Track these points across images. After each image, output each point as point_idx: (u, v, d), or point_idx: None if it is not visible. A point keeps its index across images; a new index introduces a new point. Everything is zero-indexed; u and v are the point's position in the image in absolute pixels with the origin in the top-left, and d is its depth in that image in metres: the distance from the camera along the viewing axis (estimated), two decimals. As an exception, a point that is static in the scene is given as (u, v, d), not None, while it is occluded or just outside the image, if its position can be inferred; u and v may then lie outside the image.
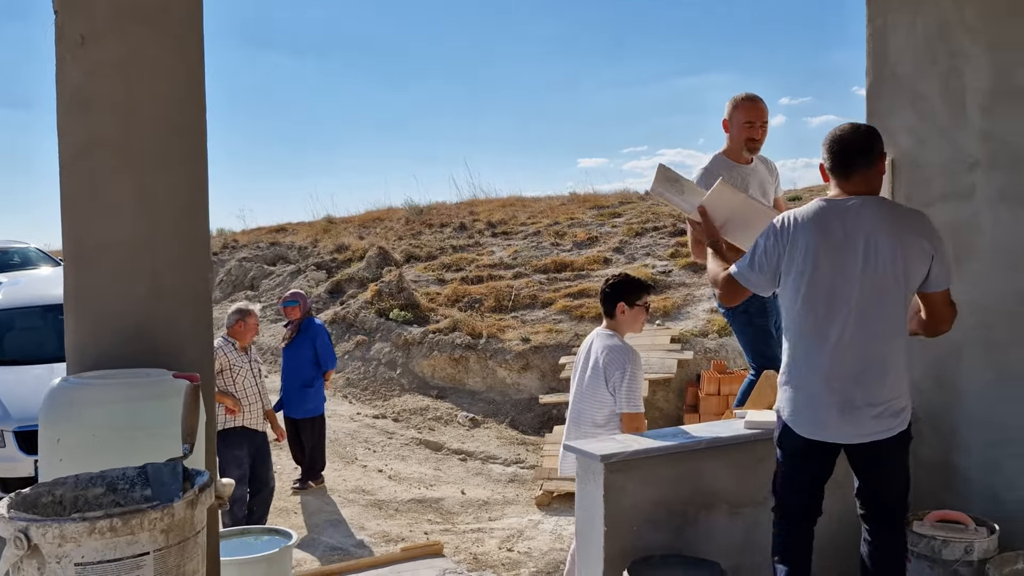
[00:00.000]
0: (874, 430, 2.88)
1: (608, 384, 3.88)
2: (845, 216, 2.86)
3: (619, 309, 4.01)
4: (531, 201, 16.72)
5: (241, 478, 6.04)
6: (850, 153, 2.90)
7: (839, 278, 2.83)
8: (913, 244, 2.85)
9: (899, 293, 2.87)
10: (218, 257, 16.39)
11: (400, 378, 10.87)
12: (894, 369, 2.89)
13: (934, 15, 3.81)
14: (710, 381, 8.63)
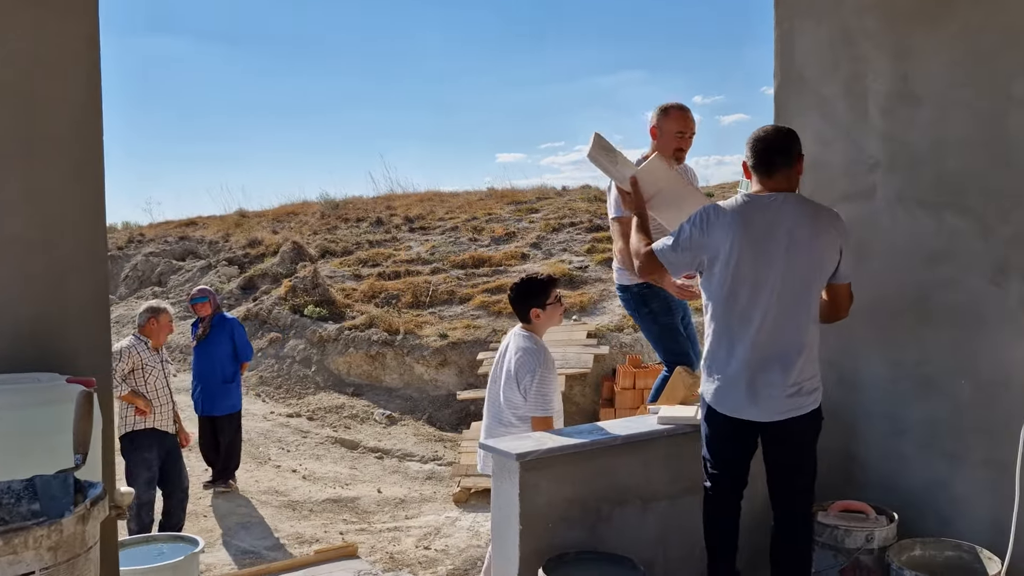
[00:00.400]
0: (789, 408, 3.08)
1: (519, 387, 3.87)
2: (767, 210, 3.07)
3: (533, 314, 4.00)
4: (449, 196, 16.65)
5: (150, 481, 5.85)
6: (771, 152, 3.13)
7: (762, 268, 3.03)
8: (828, 238, 3.09)
9: (815, 283, 3.12)
10: (123, 252, 15.77)
11: (315, 376, 10.67)
12: (809, 352, 3.11)
13: (837, 21, 3.93)
14: (625, 375, 8.76)
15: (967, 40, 3.43)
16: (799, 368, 3.07)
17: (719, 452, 3.27)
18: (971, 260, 3.45)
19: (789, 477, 3.22)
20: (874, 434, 3.85)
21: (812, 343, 3.13)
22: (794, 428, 3.12)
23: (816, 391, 3.15)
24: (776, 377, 3.05)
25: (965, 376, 3.49)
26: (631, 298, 4.31)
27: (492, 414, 4.07)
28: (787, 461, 3.20)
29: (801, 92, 4.11)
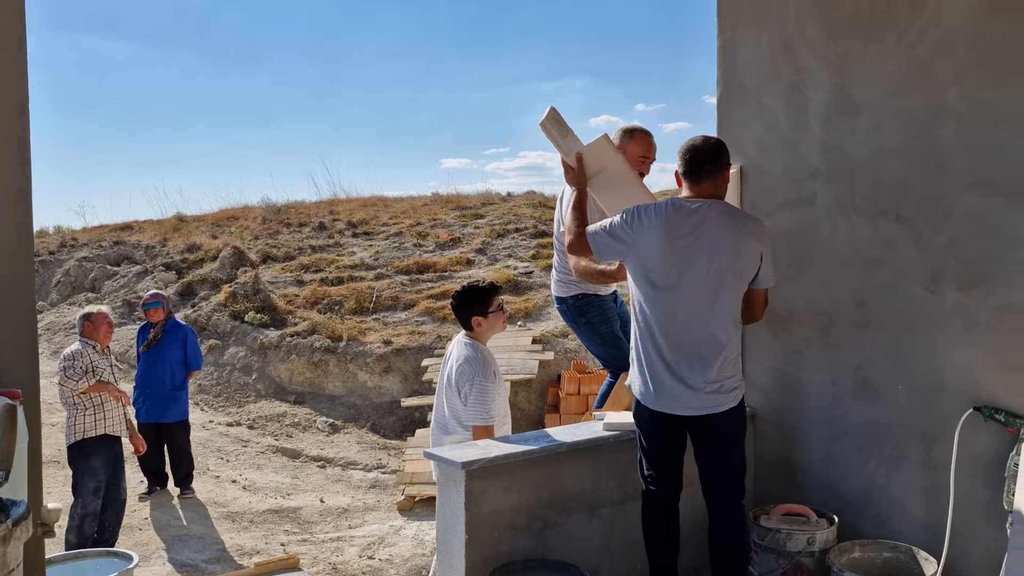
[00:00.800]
0: (709, 403, 3.22)
1: (460, 394, 3.84)
2: (692, 215, 3.20)
3: (475, 322, 3.96)
4: (393, 201, 16.53)
5: (96, 491, 5.70)
6: (701, 160, 3.28)
7: (683, 270, 3.17)
8: (749, 245, 3.24)
9: (735, 286, 3.24)
10: (55, 257, 15.26)
11: (256, 383, 10.46)
12: (728, 352, 3.24)
13: (778, 31, 3.99)
14: (570, 381, 8.78)
15: (903, 51, 3.51)
16: (717, 367, 3.20)
17: (649, 448, 3.39)
18: (907, 267, 3.53)
19: (715, 472, 3.33)
20: (815, 439, 3.91)
21: (731, 344, 3.25)
22: (717, 424, 3.25)
23: (736, 390, 3.28)
24: (695, 374, 3.19)
25: (902, 380, 3.56)
26: (568, 309, 4.32)
27: (438, 422, 4.03)
28: (712, 456, 3.33)
29: (743, 101, 4.16)
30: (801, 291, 3.91)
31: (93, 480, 5.70)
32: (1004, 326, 3.24)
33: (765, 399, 4.11)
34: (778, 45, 3.99)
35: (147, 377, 7.24)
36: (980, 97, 3.28)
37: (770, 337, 4.06)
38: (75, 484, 5.71)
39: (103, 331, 5.93)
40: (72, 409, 5.69)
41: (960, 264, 3.36)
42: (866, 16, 3.63)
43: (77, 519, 5.66)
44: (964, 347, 3.35)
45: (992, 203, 3.27)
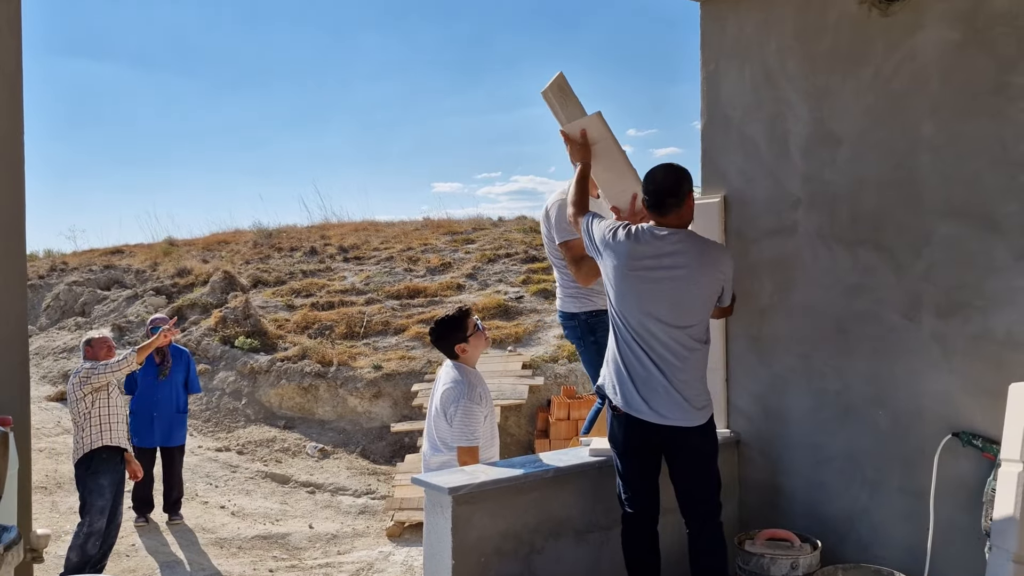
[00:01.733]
0: (677, 416, 3.31)
1: (446, 417, 3.88)
2: (657, 243, 3.33)
3: (459, 350, 4.01)
4: (384, 226, 16.58)
5: (103, 509, 5.69)
6: (662, 194, 3.35)
7: (645, 296, 3.32)
8: (710, 272, 3.35)
9: (697, 311, 3.35)
10: (44, 281, 15.24)
11: (245, 408, 10.44)
12: (693, 368, 3.35)
13: (760, 64, 4.08)
14: (560, 406, 8.80)
15: (880, 84, 3.61)
16: (681, 387, 3.31)
17: (624, 470, 3.47)
18: (886, 295, 3.60)
19: (688, 488, 3.40)
20: (799, 464, 3.96)
21: (697, 360, 3.36)
22: (687, 439, 3.34)
23: (704, 409, 3.37)
24: (659, 393, 3.31)
25: (883, 406, 3.62)
26: (578, 326, 4.26)
27: (428, 445, 4.06)
28: (684, 472, 3.41)
29: (726, 131, 4.25)
30: (784, 318, 3.98)
31: (101, 498, 5.68)
32: (981, 353, 3.31)
33: (750, 424, 4.16)
34: (760, 77, 4.08)
35: (154, 400, 7.22)
36: (954, 129, 3.38)
37: (755, 363, 4.12)
38: (83, 503, 5.69)
39: (103, 355, 5.94)
40: (81, 424, 5.68)
41: (938, 292, 3.43)
42: (844, 51, 3.73)
43: (82, 537, 5.64)
44: (942, 374, 3.42)
45: (968, 232, 3.35)
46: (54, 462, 8.59)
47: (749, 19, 4.14)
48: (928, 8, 3.44)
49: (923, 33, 3.46)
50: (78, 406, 5.67)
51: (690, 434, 3.34)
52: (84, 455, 5.67)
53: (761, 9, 4.08)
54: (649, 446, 3.41)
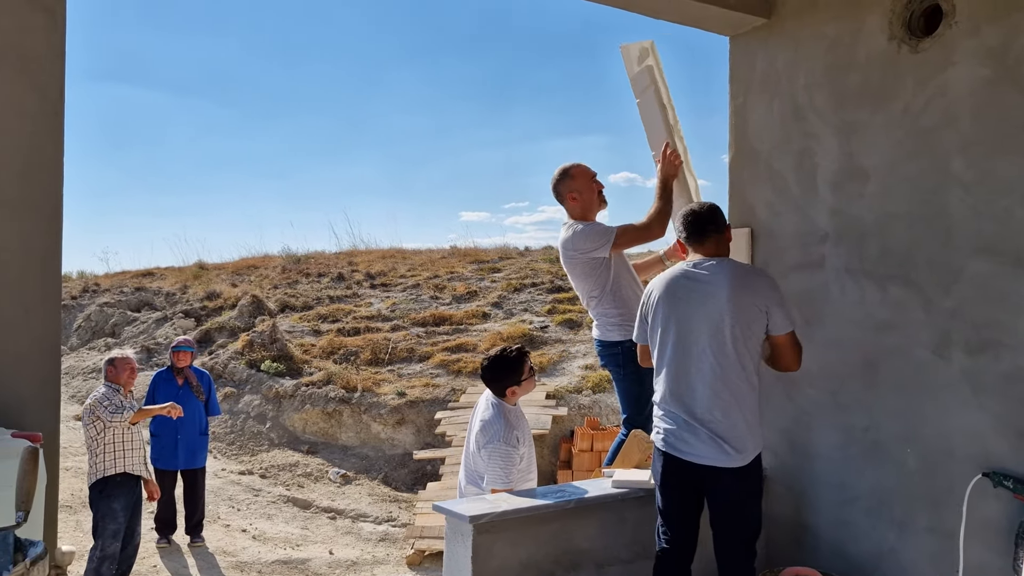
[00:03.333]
0: (719, 456, 3.23)
1: (480, 452, 3.86)
2: (695, 277, 3.33)
3: (510, 392, 3.98)
4: (412, 253, 16.69)
5: (116, 533, 5.71)
6: (702, 222, 3.43)
7: (689, 331, 3.29)
8: (752, 299, 3.28)
9: (743, 341, 3.25)
10: (77, 302, 15.49)
11: (269, 432, 10.50)
12: (739, 408, 3.25)
13: (789, 98, 4.09)
14: (583, 437, 8.75)
15: (909, 120, 3.60)
16: (726, 424, 3.23)
17: (664, 500, 3.40)
18: (915, 331, 3.56)
19: (725, 530, 3.31)
20: (825, 501, 3.90)
21: (743, 399, 3.26)
22: (729, 479, 3.25)
23: (747, 451, 3.26)
24: (707, 426, 3.24)
25: (911, 444, 3.57)
26: (621, 353, 4.20)
27: (466, 475, 4.02)
28: (723, 514, 3.31)
29: (754, 164, 4.26)
30: (811, 353, 3.93)
31: (113, 522, 5.71)
32: (1012, 392, 3.25)
33: (776, 460, 4.12)
34: (789, 112, 4.09)
35: (176, 423, 7.26)
36: (985, 166, 3.35)
37: (781, 397, 4.08)
38: (95, 526, 5.73)
39: (126, 375, 5.98)
40: (94, 449, 5.74)
41: (968, 329, 3.39)
42: (874, 87, 3.73)
43: (96, 561, 5.68)
44: (972, 412, 3.36)
45: (1000, 269, 3.31)
46: (80, 481, 8.66)
47: (778, 54, 4.16)
48: (958, 45, 3.44)
49: (953, 70, 3.45)
50: (89, 431, 5.74)
51: (729, 474, 3.25)
52: (98, 480, 5.72)
53: (790, 45, 4.10)
54: (689, 479, 3.34)
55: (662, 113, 4.31)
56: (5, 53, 2.74)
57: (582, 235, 4.13)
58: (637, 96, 4.43)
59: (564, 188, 4.26)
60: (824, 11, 3.95)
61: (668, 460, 3.35)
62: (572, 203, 4.26)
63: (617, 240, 4.09)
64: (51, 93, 2.85)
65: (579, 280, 4.27)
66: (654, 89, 4.32)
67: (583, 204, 4.25)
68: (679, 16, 4.22)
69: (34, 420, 2.68)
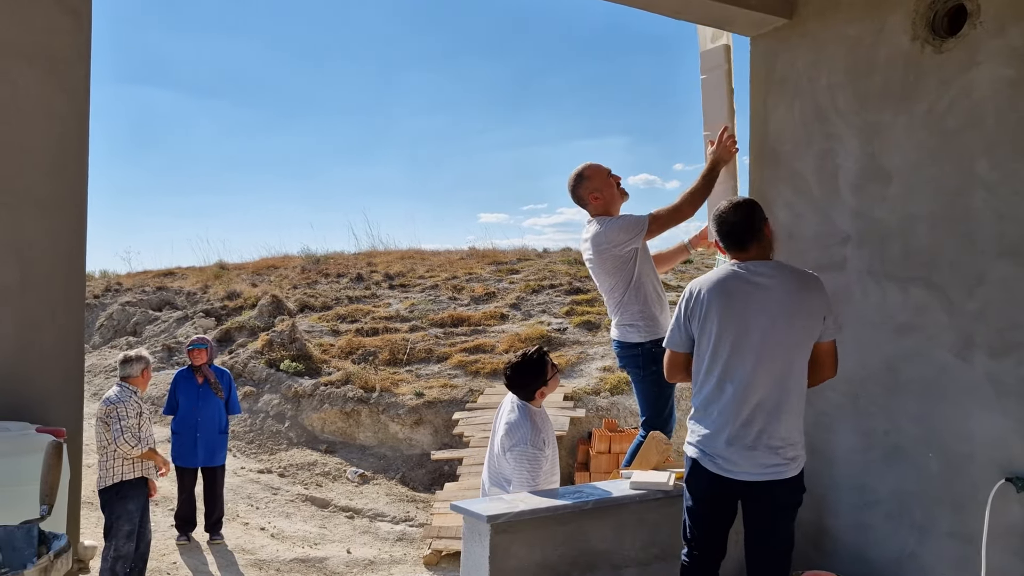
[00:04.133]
0: (768, 469, 3.07)
1: (506, 455, 3.85)
2: (748, 280, 3.15)
3: (539, 395, 3.97)
4: (430, 254, 16.73)
5: (130, 534, 5.75)
6: (738, 233, 3.24)
7: (741, 334, 3.10)
8: (812, 303, 3.13)
9: (798, 346, 3.11)
10: (99, 300, 15.64)
11: (288, 431, 10.55)
12: (790, 414, 3.10)
13: (810, 100, 4.07)
14: (601, 439, 8.73)
15: (933, 121, 3.57)
16: (779, 429, 3.08)
17: (697, 512, 3.26)
18: (937, 333, 3.53)
19: (764, 541, 3.18)
20: (845, 505, 3.87)
21: (795, 406, 3.11)
22: (773, 492, 3.10)
23: (797, 459, 3.12)
24: (756, 437, 3.08)
25: (932, 448, 3.53)
26: (641, 355, 4.16)
27: (490, 477, 4.01)
28: (764, 526, 3.17)
29: (775, 166, 4.23)
30: (831, 355, 3.91)
31: (128, 523, 5.75)
32: (1036, 396, 3.22)
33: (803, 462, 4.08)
34: (810, 113, 4.07)
35: (196, 421, 7.34)
36: (1010, 167, 3.32)
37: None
38: (109, 527, 5.77)
39: (139, 375, 6.02)
40: (110, 453, 5.77)
41: (991, 331, 3.36)
42: (897, 87, 3.70)
43: (110, 561, 5.72)
44: (995, 416, 3.33)
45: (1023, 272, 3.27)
46: (102, 478, 8.75)
47: (799, 55, 4.14)
48: (983, 45, 3.41)
49: (978, 70, 3.42)
50: (104, 436, 5.76)
51: (776, 485, 3.09)
52: (115, 483, 5.75)
53: (812, 46, 4.08)
54: (728, 490, 3.19)
55: (727, 95, 4.31)
56: (34, 55, 2.78)
57: (615, 227, 4.07)
58: (704, 72, 4.44)
59: (583, 190, 4.25)
60: (846, 11, 3.92)
61: (711, 478, 3.16)
62: (595, 202, 4.24)
63: (650, 227, 4.06)
64: (78, 94, 2.89)
65: (608, 276, 4.18)
66: (725, 70, 4.32)
67: (605, 200, 4.23)
68: (700, 16, 4.21)
69: (58, 416, 2.72)
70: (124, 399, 5.82)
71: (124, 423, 5.69)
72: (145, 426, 5.88)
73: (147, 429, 5.90)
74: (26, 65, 2.75)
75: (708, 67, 4.40)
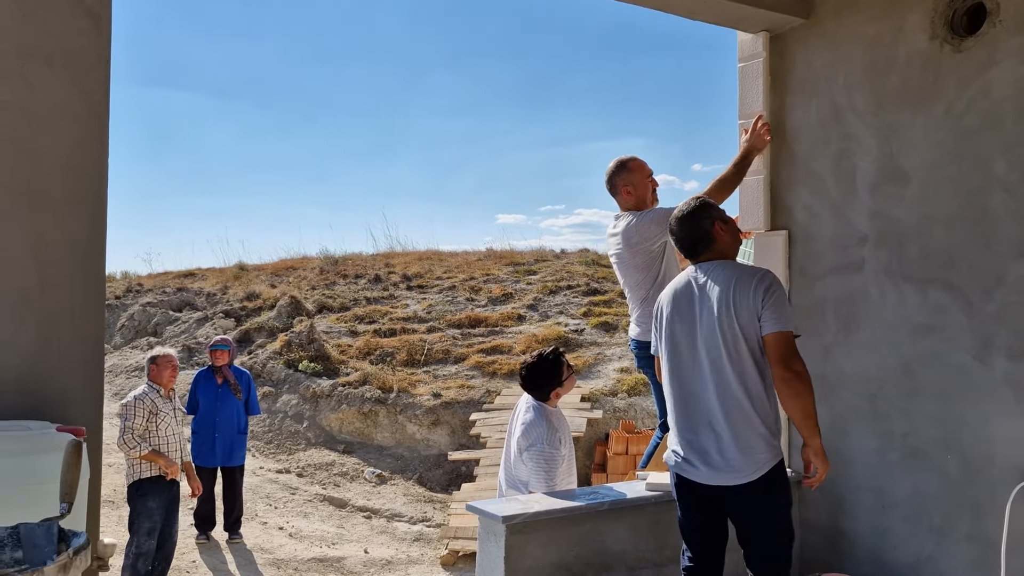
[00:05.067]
0: (731, 474, 3.00)
1: (522, 456, 3.86)
2: (690, 283, 3.17)
3: (554, 395, 3.97)
4: (448, 255, 16.78)
5: (151, 531, 5.80)
6: (687, 245, 3.24)
7: (687, 336, 3.13)
8: (745, 299, 3.00)
9: (740, 343, 3.01)
10: (120, 301, 15.81)
11: (306, 432, 10.61)
12: (747, 417, 2.99)
13: (828, 99, 4.05)
14: (618, 440, 8.72)
15: (951, 121, 3.54)
16: (730, 433, 2.99)
17: (682, 520, 3.22)
18: (956, 335, 3.50)
19: (755, 546, 3.08)
20: (862, 507, 3.85)
21: (742, 407, 3.00)
22: (749, 496, 3.01)
23: (762, 462, 3.00)
24: (708, 442, 3.04)
25: (951, 450, 3.50)
26: None
27: (506, 479, 4.01)
28: (750, 530, 3.09)
29: (792, 166, 4.22)
30: (848, 356, 3.89)
31: (148, 520, 5.80)
32: (1057, 398, 3.18)
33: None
34: (827, 113, 4.05)
35: (216, 420, 7.40)
36: (1030, 168, 3.28)
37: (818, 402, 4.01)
38: (131, 523, 5.83)
39: (167, 374, 6.02)
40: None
41: (1010, 333, 3.33)
42: (915, 87, 3.68)
43: (131, 558, 5.78)
44: (1015, 418, 3.30)
45: (1043, 273, 3.24)
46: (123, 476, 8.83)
47: (816, 55, 4.12)
48: (1002, 44, 3.38)
49: (997, 69, 3.39)
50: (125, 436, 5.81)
51: (743, 489, 3.02)
52: (136, 480, 5.81)
53: (829, 45, 4.06)
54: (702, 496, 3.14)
55: (765, 84, 4.32)
56: (53, 58, 2.82)
57: (647, 220, 3.96)
58: (741, 61, 4.45)
59: (620, 181, 4.13)
60: (864, 10, 3.90)
61: (681, 482, 3.17)
62: (626, 196, 4.13)
63: None
64: (97, 96, 2.92)
65: (635, 271, 4.07)
66: (763, 58, 4.32)
67: (637, 198, 4.10)
68: (715, 16, 4.20)
69: (78, 414, 2.75)
70: (140, 397, 5.87)
71: (127, 423, 5.74)
72: (163, 425, 5.88)
73: (167, 428, 5.91)
74: (45, 68, 2.79)
75: (746, 55, 4.42)
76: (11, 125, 2.75)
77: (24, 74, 2.77)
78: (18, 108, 2.76)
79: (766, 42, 4.31)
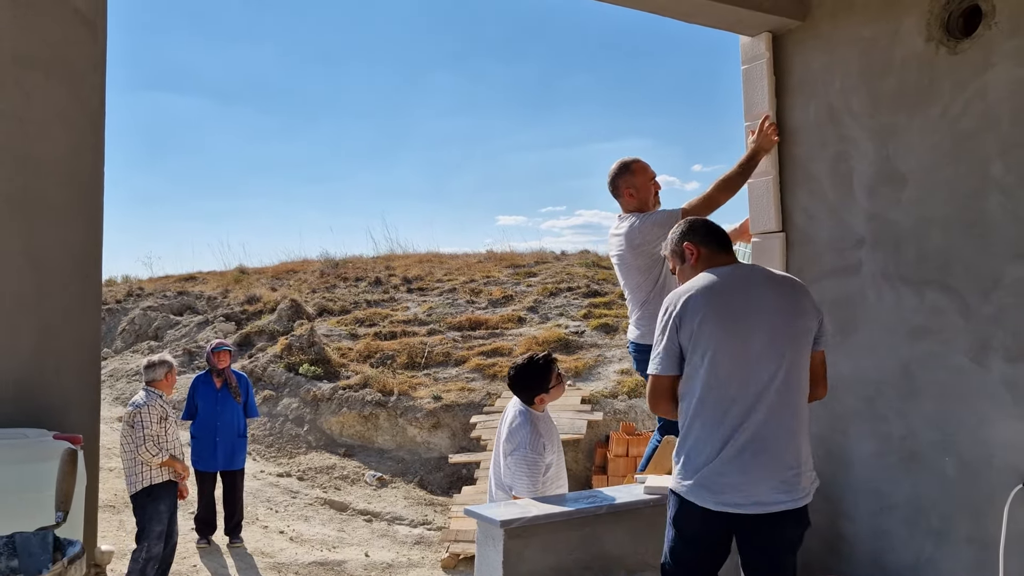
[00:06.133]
0: (787, 499, 2.73)
1: (506, 460, 3.87)
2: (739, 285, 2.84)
3: (538, 400, 3.96)
4: (448, 258, 16.79)
5: (161, 535, 5.83)
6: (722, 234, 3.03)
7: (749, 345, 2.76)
8: (811, 310, 2.86)
9: (804, 352, 2.83)
10: (121, 305, 15.81)
11: (307, 435, 10.61)
12: (800, 436, 2.78)
13: (824, 101, 4.05)
14: (619, 442, 8.72)
15: (947, 124, 3.54)
16: (789, 454, 2.73)
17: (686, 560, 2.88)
18: (953, 337, 3.50)
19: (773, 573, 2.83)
20: (861, 509, 3.84)
21: (803, 427, 2.81)
22: (790, 524, 2.76)
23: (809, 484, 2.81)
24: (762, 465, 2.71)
25: (949, 453, 3.50)
26: None
27: (495, 482, 4.03)
28: (776, 562, 2.81)
29: (790, 168, 4.21)
30: (846, 359, 3.89)
31: (159, 524, 5.82)
32: (1054, 400, 3.18)
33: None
34: (824, 115, 4.05)
35: (215, 425, 7.41)
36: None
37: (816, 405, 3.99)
38: (142, 528, 5.82)
39: (163, 379, 6.08)
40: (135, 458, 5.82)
41: (1008, 335, 3.33)
42: (911, 89, 3.68)
43: (141, 563, 5.78)
44: (1013, 420, 3.29)
45: (1040, 275, 3.24)
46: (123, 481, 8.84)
47: (814, 57, 4.12)
48: (998, 46, 3.38)
49: (993, 71, 3.39)
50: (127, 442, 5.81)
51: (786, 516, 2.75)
52: (146, 486, 5.81)
53: (826, 48, 4.06)
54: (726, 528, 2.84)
55: (769, 85, 4.31)
56: (50, 66, 2.82)
57: (650, 222, 3.95)
58: (745, 63, 4.44)
59: (622, 182, 4.15)
60: (860, 13, 3.90)
61: (707, 515, 2.74)
62: (628, 199, 4.14)
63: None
64: (93, 104, 2.93)
65: (637, 273, 4.03)
66: (766, 59, 4.31)
67: (639, 201, 4.11)
68: (712, 20, 4.20)
69: (75, 422, 2.75)
70: (150, 403, 5.88)
71: (147, 431, 5.75)
72: (170, 431, 5.94)
73: (173, 433, 5.97)
74: (42, 76, 2.80)
75: (749, 57, 4.41)
76: (7, 133, 2.76)
77: (20, 82, 2.78)
78: (14, 116, 2.76)
79: (768, 43, 4.31)
